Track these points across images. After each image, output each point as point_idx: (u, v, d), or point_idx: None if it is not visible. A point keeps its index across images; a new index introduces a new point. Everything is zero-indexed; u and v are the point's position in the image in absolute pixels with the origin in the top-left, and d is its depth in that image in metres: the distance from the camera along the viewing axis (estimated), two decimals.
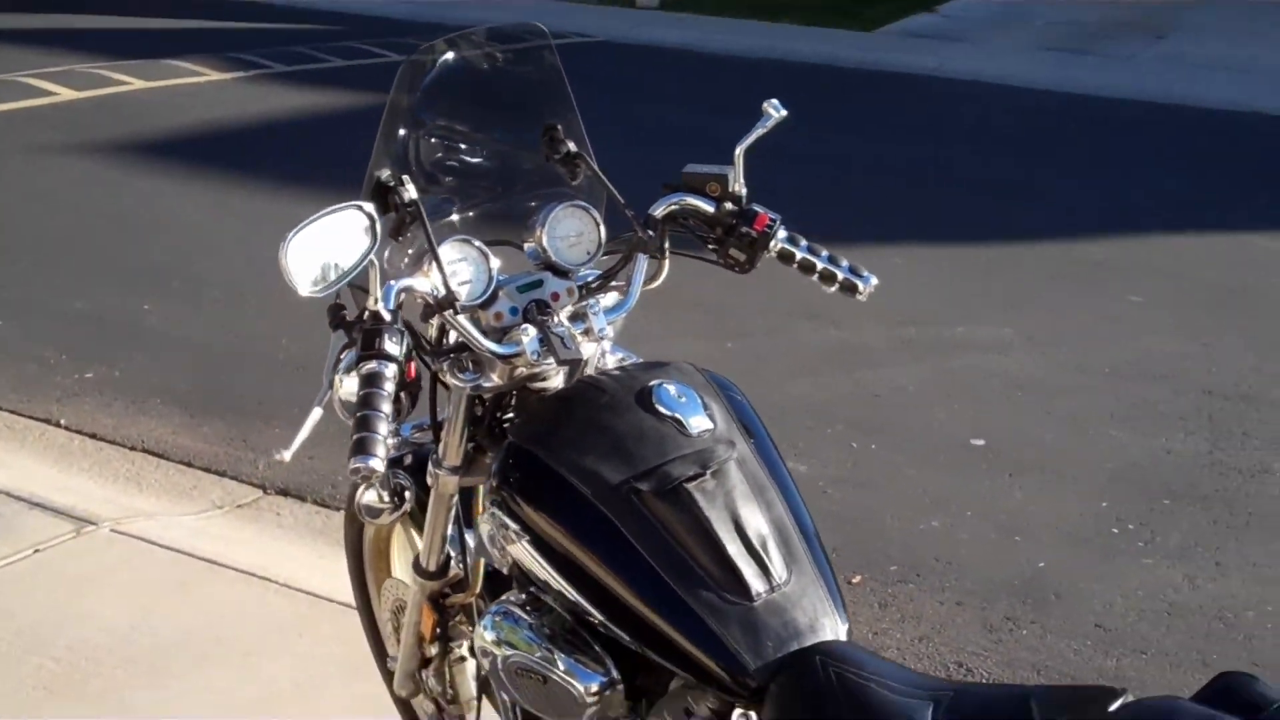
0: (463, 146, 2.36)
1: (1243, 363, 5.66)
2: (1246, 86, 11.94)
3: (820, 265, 2.32)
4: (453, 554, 2.55)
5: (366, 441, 1.89)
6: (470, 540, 2.48)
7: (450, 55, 2.35)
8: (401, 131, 2.29)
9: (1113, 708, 1.67)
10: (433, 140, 2.33)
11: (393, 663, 2.94)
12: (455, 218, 2.32)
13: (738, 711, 2.00)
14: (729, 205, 2.30)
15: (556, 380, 2.25)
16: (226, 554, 4.07)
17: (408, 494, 2.46)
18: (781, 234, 2.30)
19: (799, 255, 2.32)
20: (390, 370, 1.96)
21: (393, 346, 1.98)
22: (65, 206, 7.64)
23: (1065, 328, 6.14)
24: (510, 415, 2.31)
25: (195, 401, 5.24)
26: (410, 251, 2.23)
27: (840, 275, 2.34)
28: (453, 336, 2.23)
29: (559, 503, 2.07)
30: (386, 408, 1.92)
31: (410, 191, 2.13)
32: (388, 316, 2.02)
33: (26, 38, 12.31)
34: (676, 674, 2.05)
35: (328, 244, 1.98)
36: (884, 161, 8.88)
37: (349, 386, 2.12)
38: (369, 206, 2.02)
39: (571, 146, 2.31)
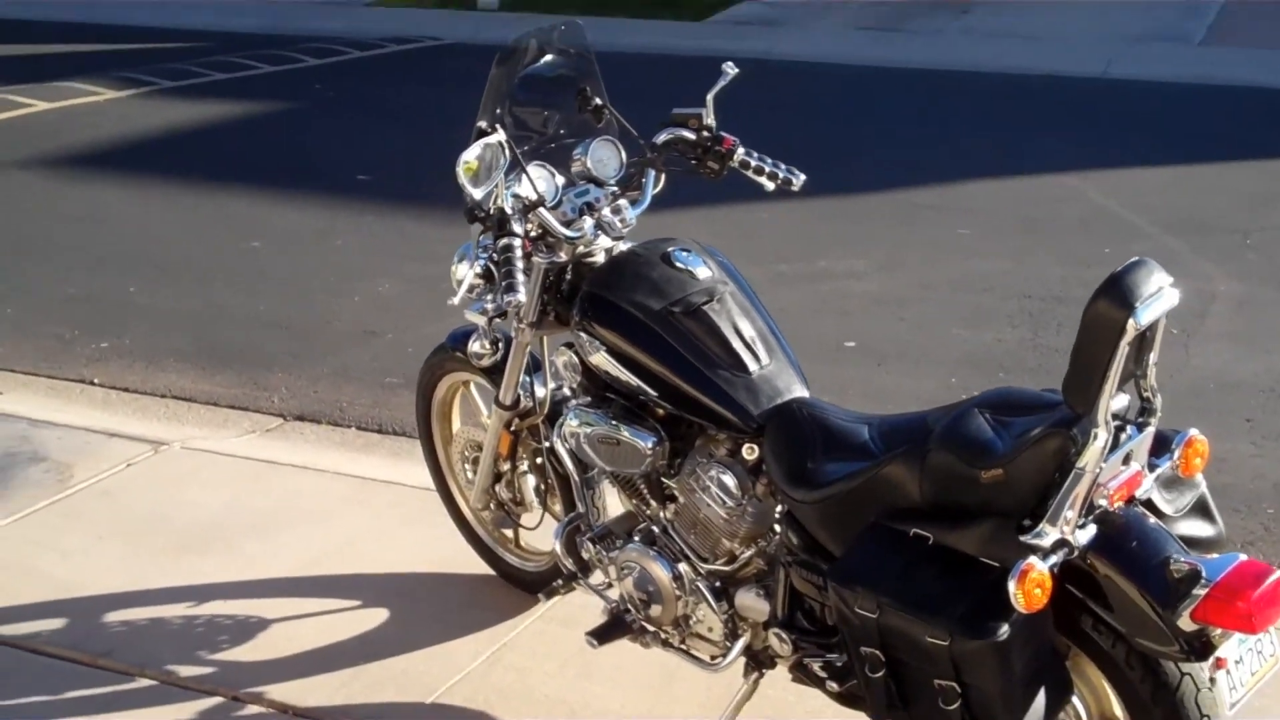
0: (533, 106, 3.51)
1: (1051, 273, 7.00)
2: (1038, 52, 13.45)
3: (768, 169, 3.53)
4: (522, 394, 3.71)
5: (514, 285, 3.06)
6: (537, 383, 3.65)
7: (525, 43, 3.50)
8: (494, 96, 3.43)
9: (978, 400, 2.86)
10: (516, 104, 3.47)
11: (461, 496, 4.09)
12: (529, 150, 3.47)
13: (746, 445, 3.20)
14: (705, 133, 3.49)
15: (600, 256, 3.43)
16: (279, 456, 5.15)
17: (500, 344, 3.61)
18: (740, 150, 3.51)
19: (753, 163, 3.52)
20: (518, 242, 3.13)
21: (518, 227, 3.15)
22: (17, 213, 8.56)
23: (907, 256, 7.44)
24: (566, 284, 3.47)
25: (202, 357, 6.27)
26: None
27: (780, 174, 3.54)
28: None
29: (622, 324, 3.25)
30: (520, 264, 3.09)
31: (501, 135, 3.29)
32: (511, 209, 3.19)
33: None
34: (704, 427, 3.24)
35: (483, 160, 3.12)
36: (734, 133, 10.11)
37: (462, 272, 3.29)
38: (502, 136, 3.17)
39: (598, 101, 3.50)
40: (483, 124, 3.32)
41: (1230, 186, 8.70)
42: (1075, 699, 2.82)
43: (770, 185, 3.56)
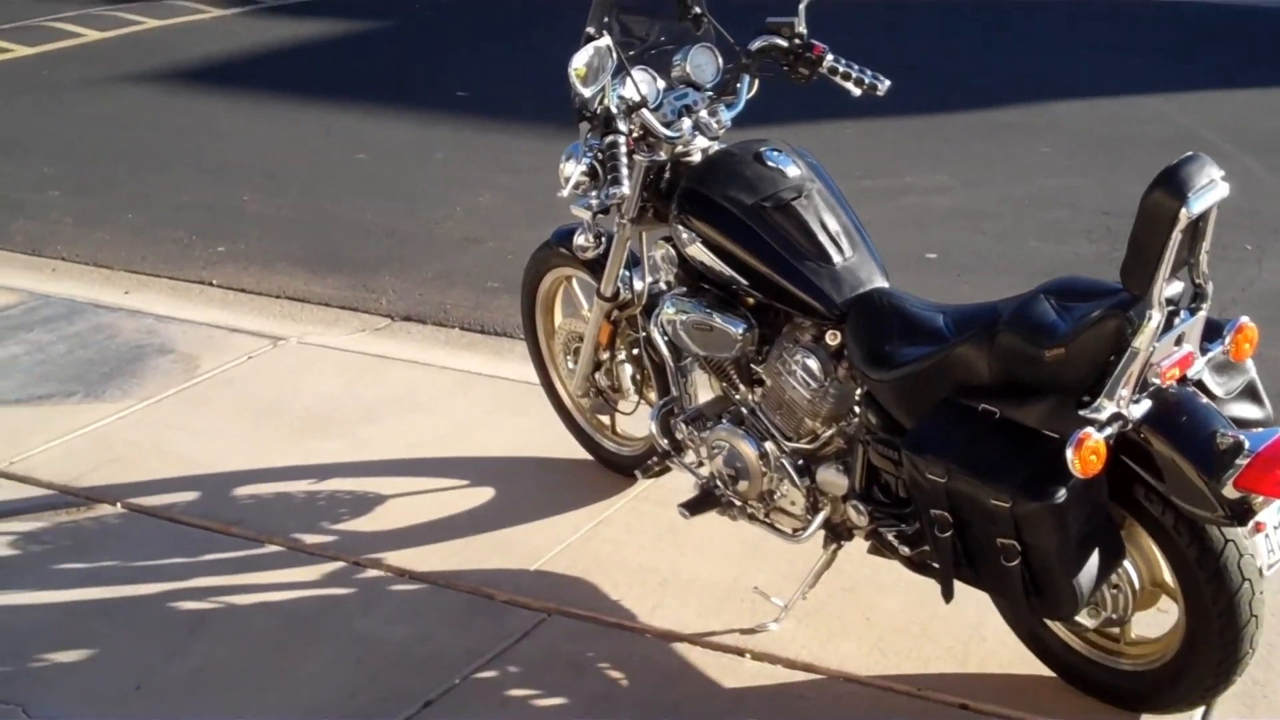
0: (637, 14, 3.77)
1: (1131, 190, 7.06)
2: None
3: (854, 74, 3.77)
4: (621, 286, 3.99)
5: (618, 178, 3.33)
6: (635, 276, 3.92)
7: None
8: (602, 4, 3.68)
9: (1044, 287, 3.09)
10: (622, 12, 3.73)
11: (562, 386, 4.38)
12: (633, 55, 3.73)
13: (829, 331, 3.46)
14: (796, 41, 3.73)
15: (696, 156, 3.70)
16: (388, 352, 5.48)
17: (603, 239, 3.88)
18: (829, 57, 3.74)
19: (840, 69, 3.76)
20: (622, 140, 3.40)
21: (622, 126, 3.42)
22: (134, 126, 8.95)
23: (988, 173, 7.63)
24: (665, 182, 3.74)
25: (313, 262, 6.61)
26: None
27: (867, 80, 3.78)
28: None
29: (717, 217, 3.52)
30: (624, 160, 3.36)
31: (608, 40, 3.55)
32: (616, 109, 3.45)
33: None
34: (790, 315, 3.50)
35: (591, 64, 3.39)
36: None
37: (569, 170, 3.56)
38: (609, 41, 3.43)
39: (697, 10, 3.75)
40: (590, 30, 3.58)
41: None
42: (1129, 565, 3.08)
43: (857, 91, 3.80)
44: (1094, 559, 2.91)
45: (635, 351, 4.13)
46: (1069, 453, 2.78)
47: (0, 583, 3.94)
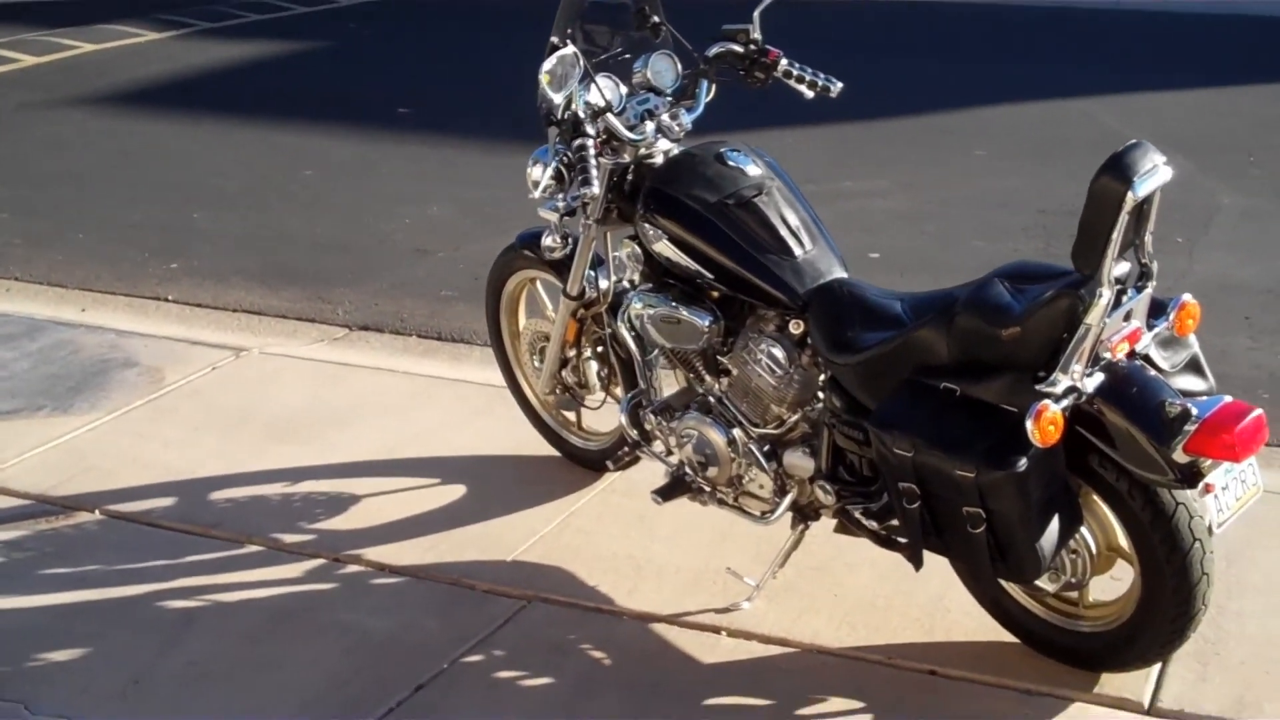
0: (599, 24, 3.92)
1: (1064, 189, 7.36)
2: None
3: (808, 77, 3.93)
4: (587, 285, 4.13)
5: (589, 178, 3.48)
6: (601, 276, 4.07)
7: None
8: (566, 15, 3.83)
9: (998, 271, 3.27)
10: (585, 22, 3.88)
11: (528, 385, 4.52)
12: (596, 63, 3.88)
13: (792, 321, 3.61)
14: (752, 46, 3.90)
15: (659, 158, 3.85)
16: (350, 359, 5.59)
17: (569, 240, 4.03)
18: (784, 61, 3.91)
19: (795, 72, 3.92)
20: (590, 142, 3.54)
21: (590, 129, 3.57)
22: (78, 148, 8.99)
23: (927, 176, 7.84)
24: (629, 184, 3.88)
25: (267, 276, 6.70)
26: None
27: (820, 82, 3.94)
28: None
29: (683, 215, 3.67)
30: (594, 161, 3.51)
31: (573, 48, 3.70)
32: (584, 114, 3.60)
33: None
34: (754, 306, 3.66)
35: (556, 72, 3.54)
36: None
37: (537, 173, 3.71)
38: (574, 49, 3.58)
39: (656, 19, 3.90)
40: (555, 39, 3.73)
41: (1237, 110, 9.07)
42: (1086, 531, 3.26)
43: (810, 93, 3.96)
44: (1054, 524, 3.08)
45: (600, 349, 4.27)
46: (1028, 424, 2.95)
47: None
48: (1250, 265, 6.31)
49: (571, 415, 4.56)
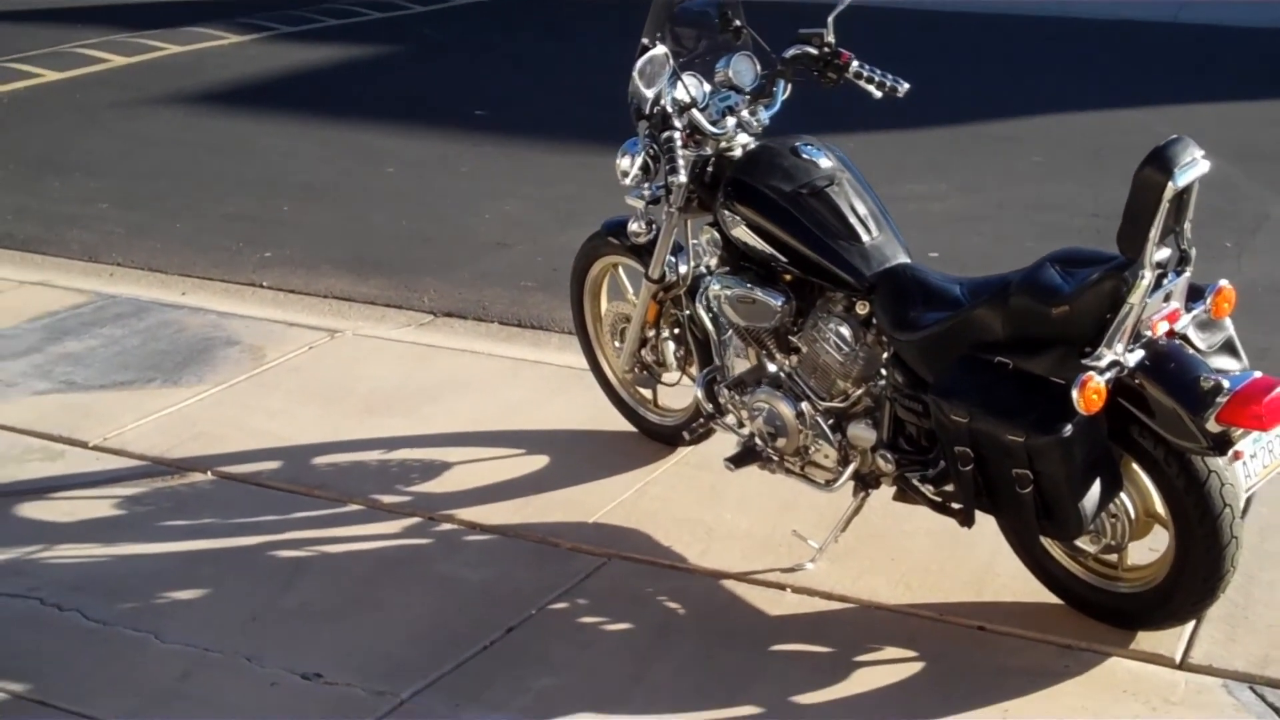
0: (686, 26, 4.26)
1: (1117, 194, 7.55)
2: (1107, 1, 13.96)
3: (877, 78, 4.25)
4: (667, 270, 4.46)
5: (676, 167, 3.82)
6: (680, 261, 4.40)
7: None
8: (656, 18, 4.17)
9: (1050, 256, 3.58)
10: (674, 24, 4.22)
11: (608, 364, 4.86)
12: (683, 62, 4.21)
13: (859, 302, 3.93)
14: (825, 49, 4.22)
15: (738, 151, 4.18)
16: (438, 342, 5.95)
17: (653, 226, 4.36)
18: (855, 63, 4.23)
19: (864, 73, 4.24)
20: (678, 135, 3.88)
21: (677, 123, 3.90)
22: (170, 144, 9.42)
23: (985, 180, 8.13)
24: (709, 175, 4.21)
25: (355, 265, 7.08)
26: None
27: (888, 83, 4.26)
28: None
29: (760, 203, 4.00)
30: (680, 151, 3.85)
31: (663, 48, 4.04)
32: (671, 109, 3.94)
33: (49, 16, 13.95)
34: (824, 288, 3.98)
35: (645, 71, 3.88)
36: None
37: (627, 164, 4.05)
38: (664, 49, 3.92)
39: (738, 22, 4.24)
40: (645, 40, 4.08)
41: None
42: (1125, 497, 3.55)
43: (878, 93, 4.27)
44: (1096, 486, 3.38)
45: (678, 330, 4.60)
46: (1074, 393, 3.26)
47: (112, 537, 4.38)
48: None
49: (648, 393, 4.88)
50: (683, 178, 3.87)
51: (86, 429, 5.10)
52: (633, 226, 4.29)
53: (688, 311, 4.42)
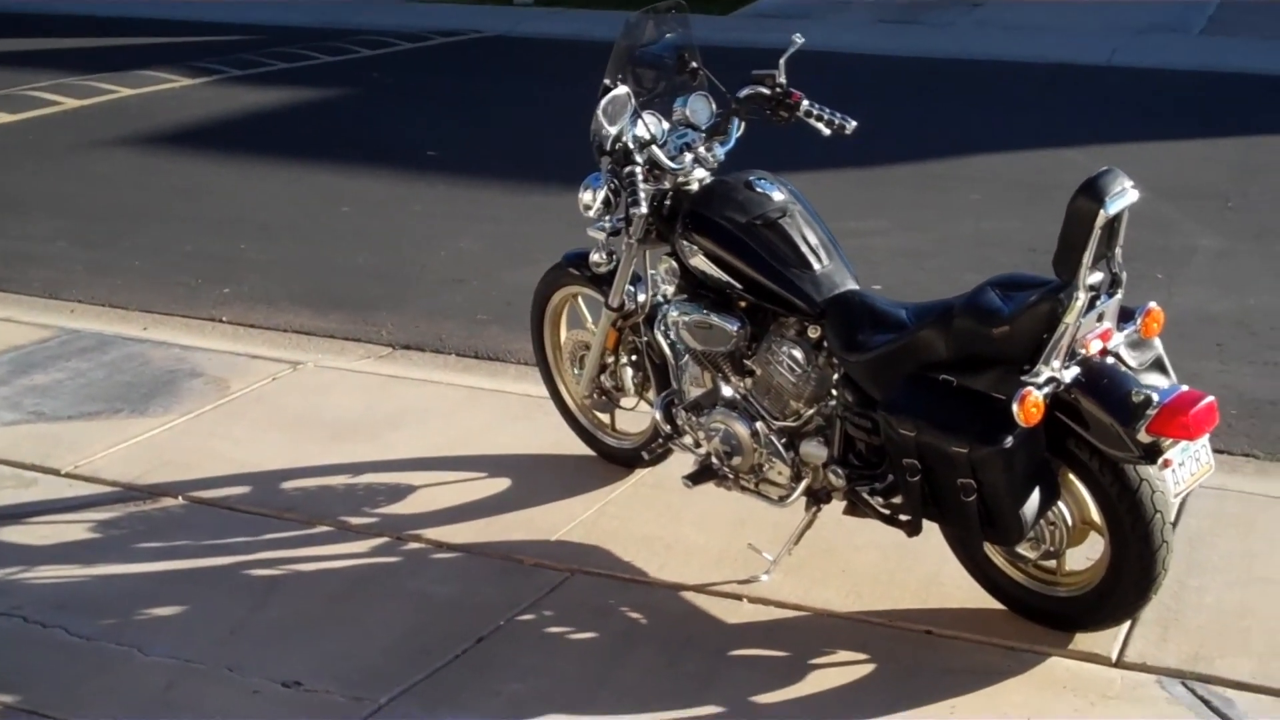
0: (646, 67, 4.47)
1: (1054, 230, 7.86)
2: (1046, 43, 14.35)
3: (825, 117, 4.47)
4: (626, 298, 4.66)
5: (637, 200, 4.03)
6: (639, 290, 4.60)
7: (641, 20, 4.45)
8: (618, 60, 4.39)
9: (990, 281, 3.82)
10: (634, 66, 4.43)
11: (567, 391, 5.05)
12: (643, 101, 4.43)
13: (810, 326, 4.15)
14: (777, 89, 4.45)
15: (694, 185, 4.39)
16: (398, 373, 6.12)
17: (613, 257, 4.56)
18: (805, 103, 4.46)
19: (814, 112, 4.47)
20: (639, 170, 4.10)
21: (639, 158, 4.12)
22: (126, 185, 9.55)
23: (925, 217, 8.39)
24: (667, 208, 4.42)
25: (314, 300, 7.23)
26: None
27: (837, 121, 4.49)
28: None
29: (717, 233, 4.21)
30: (641, 185, 4.06)
31: (624, 89, 4.25)
32: (632, 145, 4.16)
33: (7, 59, 14.04)
34: (777, 313, 4.19)
35: (608, 110, 4.09)
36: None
37: (589, 198, 4.26)
38: (625, 89, 4.14)
39: (694, 64, 4.46)
40: (608, 81, 4.29)
41: (1217, 159, 9.65)
42: (1063, 506, 3.78)
43: (827, 130, 4.50)
44: (1035, 495, 3.61)
45: (636, 356, 4.79)
46: (1014, 407, 3.48)
47: (90, 558, 4.52)
48: (1223, 299, 6.85)
49: (606, 417, 5.07)
50: (644, 209, 4.08)
51: (58, 457, 5.23)
52: (594, 257, 4.50)
53: (646, 338, 4.62)
